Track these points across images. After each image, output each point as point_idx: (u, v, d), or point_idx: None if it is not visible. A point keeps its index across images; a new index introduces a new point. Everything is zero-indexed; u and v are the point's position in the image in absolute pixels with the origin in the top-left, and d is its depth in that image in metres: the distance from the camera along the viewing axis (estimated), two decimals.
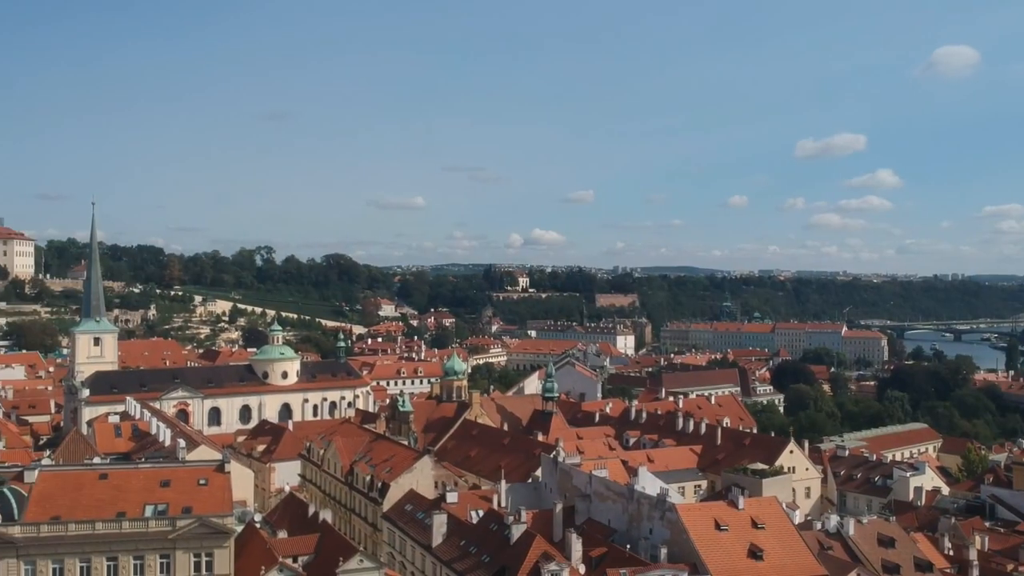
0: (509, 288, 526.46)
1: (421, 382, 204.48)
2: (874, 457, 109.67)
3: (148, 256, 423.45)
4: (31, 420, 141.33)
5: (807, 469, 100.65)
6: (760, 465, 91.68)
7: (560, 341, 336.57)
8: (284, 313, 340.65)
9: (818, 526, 73.87)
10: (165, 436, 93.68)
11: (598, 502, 72.22)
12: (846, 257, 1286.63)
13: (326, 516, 74.19)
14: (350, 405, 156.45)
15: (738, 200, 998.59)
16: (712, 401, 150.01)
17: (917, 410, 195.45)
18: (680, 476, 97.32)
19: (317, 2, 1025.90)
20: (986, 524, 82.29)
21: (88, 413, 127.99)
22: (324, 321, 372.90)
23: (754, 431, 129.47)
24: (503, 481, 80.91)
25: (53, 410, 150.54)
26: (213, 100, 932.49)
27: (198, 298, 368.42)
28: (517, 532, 64.35)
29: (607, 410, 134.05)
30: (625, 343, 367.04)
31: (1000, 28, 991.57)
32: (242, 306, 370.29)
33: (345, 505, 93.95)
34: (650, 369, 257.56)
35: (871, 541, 71.34)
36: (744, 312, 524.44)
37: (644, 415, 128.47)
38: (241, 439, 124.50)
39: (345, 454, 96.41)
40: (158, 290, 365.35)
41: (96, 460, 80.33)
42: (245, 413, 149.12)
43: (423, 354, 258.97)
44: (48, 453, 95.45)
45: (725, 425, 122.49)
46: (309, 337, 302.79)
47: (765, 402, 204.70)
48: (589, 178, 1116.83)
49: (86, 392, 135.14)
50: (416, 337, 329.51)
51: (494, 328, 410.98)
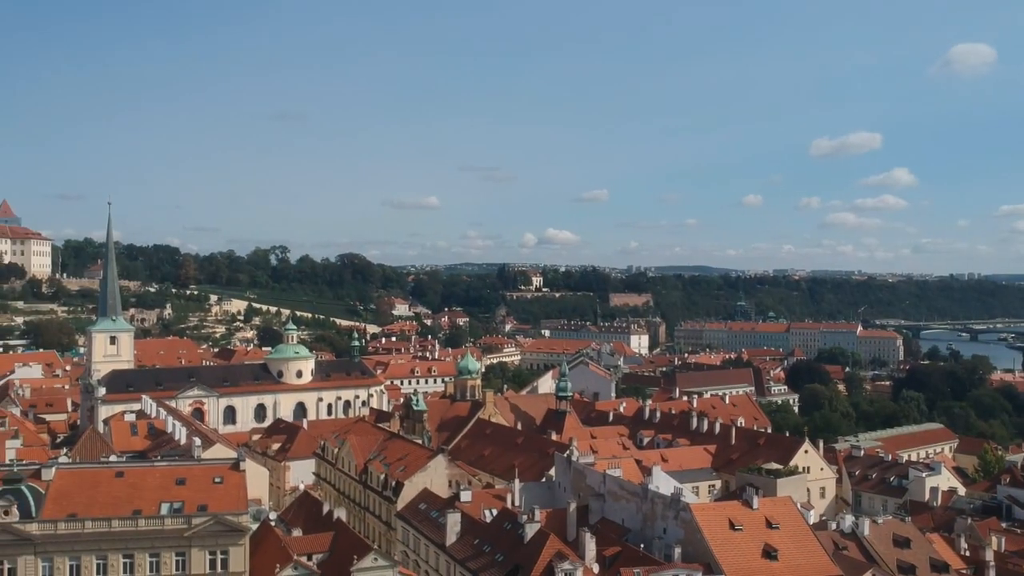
0: (523, 287, 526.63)
1: (435, 381, 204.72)
2: (889, 457, 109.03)
3: (164, 256, 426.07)
4: (48, 418, 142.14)
5: (822, 469, 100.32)
6: (775, 465, 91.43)
7: (574, 340, 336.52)
8: (299, 312, 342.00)
9: (833, 526, 73.64)
10: (181, 434, 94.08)
11: (612, 501, 72.18)
12: (861, 256, 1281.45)
13: (340, 514, 74.47)
14: (364, 404, 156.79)
15: (753, 199, 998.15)
16: (726, 401, 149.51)
17: (933, 410, 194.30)
18: (694, 476, 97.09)
19: (332, 3, 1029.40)
20: (1003, 525, 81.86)
21: (104, 411, 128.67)
22: (338, 320, 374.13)
23: (768, 431, 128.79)
24: (517, 480, 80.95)
25: (70, 408, 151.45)
26: (229, 101, 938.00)
27: (213, 297, 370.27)
28: (531, 531, 64.37)
29: (621, 409, 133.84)
30: (639, 342, 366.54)
31: (1017, 26, 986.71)
32: (257, 305, 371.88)
33: (359, 504, 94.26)
34: (664, 369, 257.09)
35: (886, 541, 71.04)
36: (759, 312, 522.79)
37: (658, 415, 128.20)
38: (256, 438, 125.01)
39: (359, 453, 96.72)
40: (174, 289, 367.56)
41: (112, 458, 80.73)
42: (260, 412, 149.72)
43: (437, 353, 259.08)
44: (65, 451, 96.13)
45: (739, 425, 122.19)
46: (323, 336, 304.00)
47: (780, 402, 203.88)
48: (603, 177, 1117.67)
49: (102, 391, 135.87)
50: (430, 336, 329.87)
51: (508, 327, 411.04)
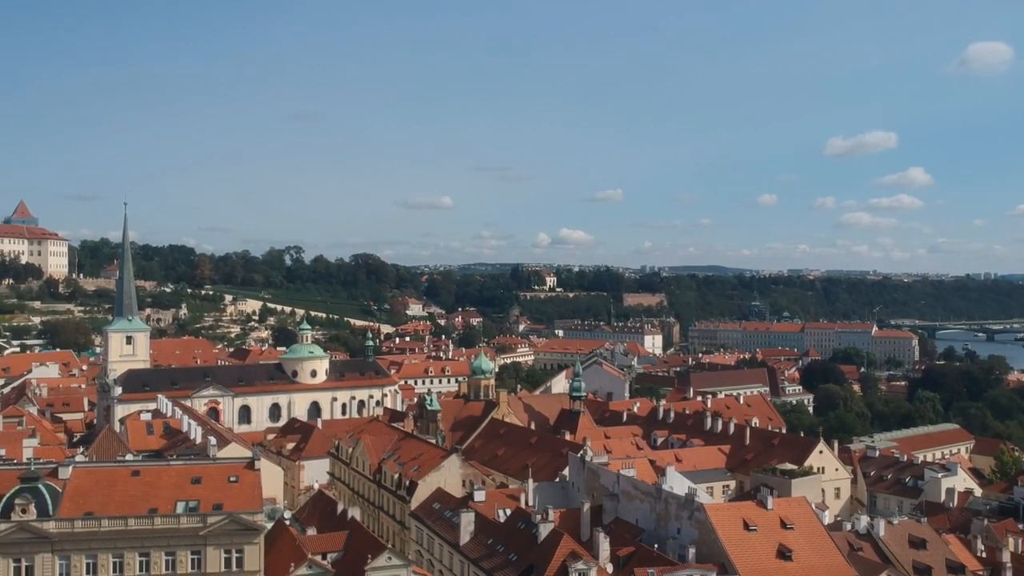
0: (536, 287, 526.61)
1: (449, 381, 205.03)
2: (905, 458, 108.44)
3: (179, 256, 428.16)
4: (65, 418, 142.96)
5: (837, 469, 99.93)
6: (789, 465, 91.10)
7: (587, 340, 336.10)
8: (313, 312, 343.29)
9: (848, 527, 73.34)
10: (196, 434, 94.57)
11: (626, 501, 72.13)
12: (876, 256, 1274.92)
13: (354, 514, 74.65)
14: (378, 404, 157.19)
15: (767, 199, 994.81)
16: (741, 401, 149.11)
17: (949, 411, 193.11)
18: (708, 476, 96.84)
19: (347, 4, 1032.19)
20: (1020, 526, 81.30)
21: (121, 411, 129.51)
22: (352, 320, 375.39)
23: (783, 431, 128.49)
24: (530, 480, 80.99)
25: (86, 408, 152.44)
26: (243, 101, 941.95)
27: (228, 297, 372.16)
28: (545, 531, 64.36)
29: (635, 409, 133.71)
30: (653, 343, 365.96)
31: None
32: (272, 305, 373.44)
33: (373, 503, 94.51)
34: (678, 369, 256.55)
35: (902, 542, 70.74)
36: (773, 312, 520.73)
37: (672, 415, 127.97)
38: (271, 437, 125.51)
39: (373, 452, 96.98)
40: (189, 289, 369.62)
41: (128, 457, 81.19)
42: (275, 411, 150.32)
43: (451, 353, 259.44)
44: (82, 450, 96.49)
45: (754, 425, 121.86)
46: (338, 336, 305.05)
47: (794, 402, 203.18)
48: (617, 177, 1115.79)
49: (119, 390, 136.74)
50: (444, 336, 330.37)
51: (521, 327, 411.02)
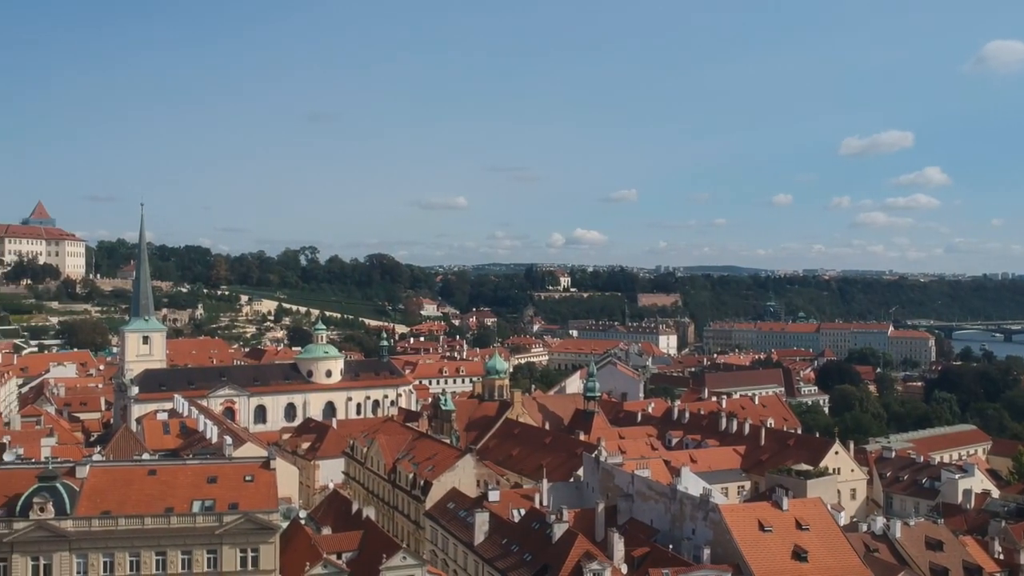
0: (551, 288, 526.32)
1: (463, 381, 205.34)
2: (921, 459, 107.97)
3: (195, 256, 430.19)
4: (82, 417, 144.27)
5: (852, 470, 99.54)
6: (804, 466, 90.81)
7: (602, 341, 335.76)
8: (328, 312, 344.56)
9: (864, 528, 73.08)
10: (212, 433, 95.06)
11: (640, 502, 72.07)
12: (893, 256, 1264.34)
13: (369, 513, 74.84)
14: (393, 404, 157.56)
15: (783, 199, 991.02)
16: (756, 401, 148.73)
17: (966, 411, 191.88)
18: (723, 477, 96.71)
19: (363, 5, 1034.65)
20: None
21: (137, 410, 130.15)
22: (367, 320, 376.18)
23: (798, 432, 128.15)
24: (545, 480, 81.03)
25: (103, 407, 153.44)
26: (259, 102, 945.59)
27: (244, 298, 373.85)
28: (559, 531, 64.40)
29: (649, 410, 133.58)
30: (667, 343, 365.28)
31: None
32: (287, 305, 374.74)
33: (388, 502, 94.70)
34: (693, 369, 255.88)
35: (918, 544, 70.44)
36: (788, 312, 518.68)
37: (687, 415, 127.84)
38: (286, 437, 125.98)
39: (388, 452, 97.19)
40: (205, 290, 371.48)
41: (145, 456, 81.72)
42: (290, 411, 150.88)
43: (465, 353, 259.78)
44: (99, 449, 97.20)
45: (769, 426, 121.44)
46: (352, 336, 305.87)
47: (810, 403, 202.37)
48: (632, 177, 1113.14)
49: (135, 390, 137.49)
50: (458, 336, 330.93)
51: (536, 328, 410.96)
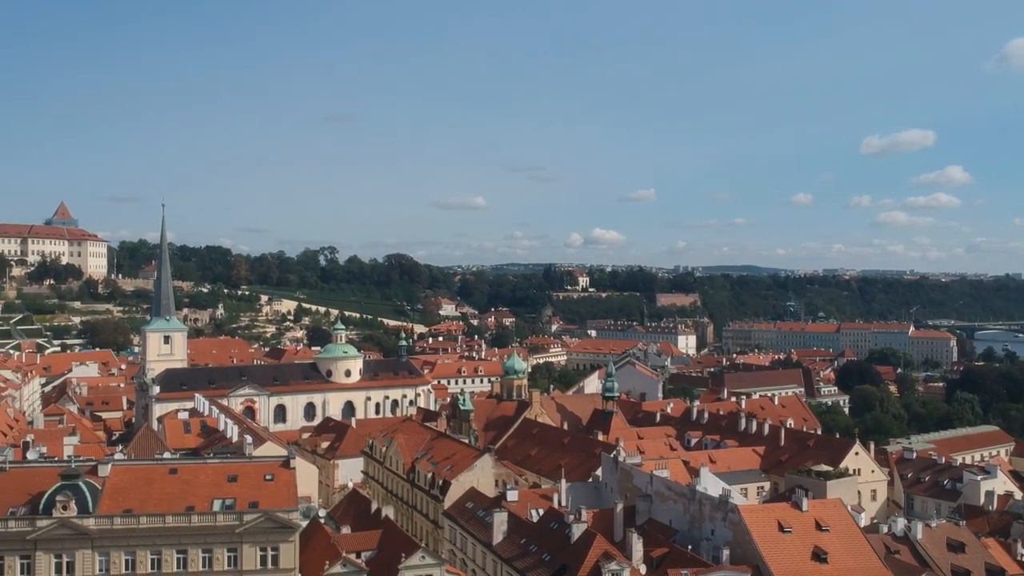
0: (569, 288, 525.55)
1: (481, 381, 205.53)
2: (943, 460, 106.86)
3: (216, 256, 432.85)
4: (104, 416, 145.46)
5: (873, 471, 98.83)
6: (824, 467, 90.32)
7: (620, 341, 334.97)
8: (347, 312, 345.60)
9: (884, 529, 72.52)
10: (232, 432, 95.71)
11: (659, 502, 71.95)
12: (913, 256, 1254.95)
13: (388, 513, 75.18)
14: (412, 403, 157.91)
15: (802, 198, 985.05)
16: (775, 402, 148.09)
17: (988, 412, 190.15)
18: (742, 477, 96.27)
19: (381, 7, 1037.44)
20: None
21: (159, 409, 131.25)
22: (386, 320, 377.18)
23: (818, 432, 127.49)
24: (563, 480, 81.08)
25: (125, 406, 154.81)
26: (279, 104, 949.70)
27: (264, 298, 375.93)
28: (578, 531, 64.45)
29: (668, 410, 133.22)
30: (686, 343, 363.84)
31: None
32: (306, 305, 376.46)
33: (407, 502, 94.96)
34: (712, 369, 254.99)
35: (940, 546, 69.88)
36: (808, 312, 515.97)
37: (706, 415, 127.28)
38: (306, 436, 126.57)
39: (407, 452, 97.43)
40: (225, 290, 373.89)
41: (166, 455, 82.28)
42: (309, 410, 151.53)
43: (483, 353, 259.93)
44: (120, 448, 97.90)
45: (788, 426, 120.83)
46: (371, 336, 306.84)
47: (830, 403, 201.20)
48: (650, 177, 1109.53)
49: (157, 389, 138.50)
50: (476, 336, 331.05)
51: (554, 328, 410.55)
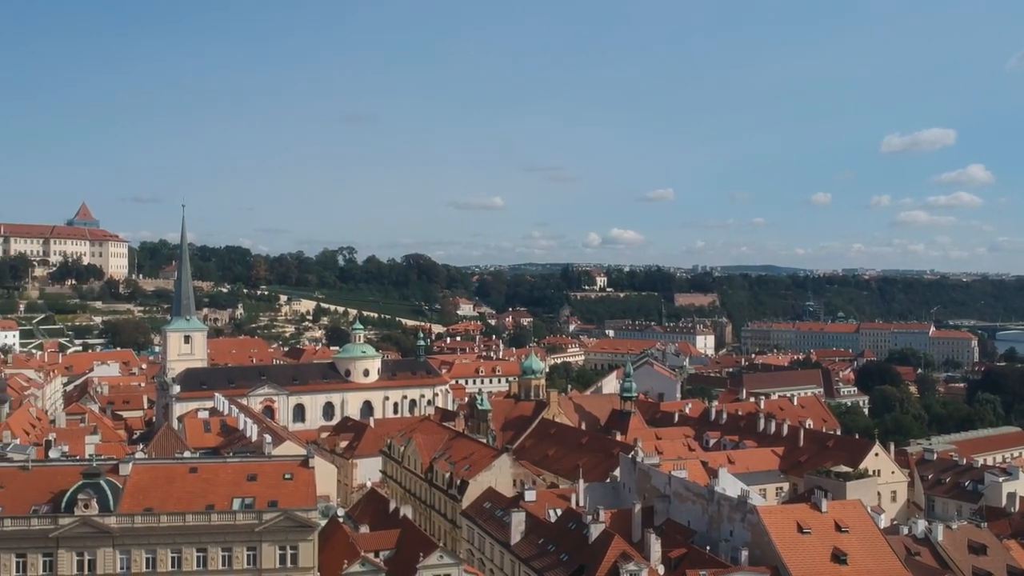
0: (587, 287, 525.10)
1: (499, 381, 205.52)
2: (964, 461, 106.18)
3: (236, 257, 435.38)
4: (125, 415, 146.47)
5: (893, 472, 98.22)
6: (844, 468, 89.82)
7: (638, 341, 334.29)
8: (365, 312, 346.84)
9: (905, 531, 71.99)
10: (252, 431, 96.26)
11: (677, 503, 71.77)
12: (934, 255, 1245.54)
13: (406, 512, 75.31)
14: (429, 403, 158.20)
15: (821, 197, 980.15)
16: (794, 402, 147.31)
17: (1010, 413, 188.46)
18: (761, 478, 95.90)
19: (401, 8, 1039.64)
20: None
21: (179, 409, 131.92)
22: (404, 320, 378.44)
23: (838, 433, 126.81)
24: (581, 480, 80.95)
25: (146, 405, 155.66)
26: (299, 104, 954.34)
27: (283, 298, 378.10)
28: (596, 531, 64.37)
29: (686, 410, 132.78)
30: (705, 343, 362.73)
31: None
32: (325, 305, 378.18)
33: (425, 501, 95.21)
34: (730, 369, 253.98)
35: (961, 548, 69.32)
36: (827, 312, 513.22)
37: (724, 416, 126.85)
38: (324, 435, 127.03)
39: (425, 451, 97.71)
40: (245, 290, 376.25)
41: (186, 454, 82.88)
42: (328, 410, 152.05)
43: (501, 353, 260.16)
44: (141, 447, 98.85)
45: (808, 427, 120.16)
46: (389, 336, 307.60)
47: (849, 404, 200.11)
48: (669, 176, 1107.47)
49: (177, 388, 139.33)
50: (494, 336, 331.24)
51: (572, 327, 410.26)
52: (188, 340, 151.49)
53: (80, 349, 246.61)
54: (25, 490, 63.87)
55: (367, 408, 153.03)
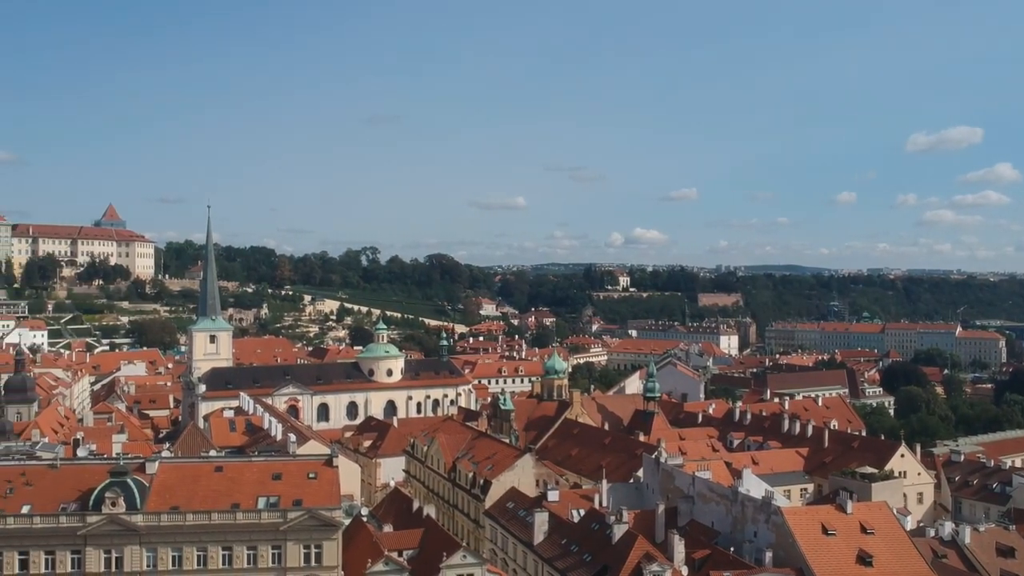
0: (609, 287, 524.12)
1: (522, 381, 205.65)
2: (992, 463, 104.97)
3: (260, 257, 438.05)
4: (151, 414, 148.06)
5: (919, 474, 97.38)
6: (869, 469, 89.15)
7: (661, 341, 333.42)
8: (388, 312, 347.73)
9: (931, 533, 71.42)
10: (276, 431, 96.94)
11: (701, 504, 71.57)
12: (961, 255, 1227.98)
13: (430, 511, 75.58)
14: (452, 403, 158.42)
15: (846, 196, 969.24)
16: (819, 403, 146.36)
17: None
18: (785, 479, 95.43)
19: (423, 9, 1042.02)
20: None
21: (204, 408, 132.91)
22: (427, 320, 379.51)
23: (863, 434, 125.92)
24: (604, 481, 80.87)
25: (172, 405, 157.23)
26: (322, 105, 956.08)
27: (307, 298, 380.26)
28: (619, 532, 64.33)
29: (710, 411, 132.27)
30: (728, 343, 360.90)
31: None
32: (349, 305, 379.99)
33: (448, 501, 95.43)
34: (754, 370, 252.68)
35: (989, 551, 68.69)
36: (852, 312, 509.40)
37: (748, 416, 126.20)
38: (348, 435, 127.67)
39: (448, 451, 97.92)
40: (270, 290, 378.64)
41: (212, 453, 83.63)
42: (352, 409, 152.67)
43: (524, 353, 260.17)
44: (167, 446, 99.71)
45: (832, 427, 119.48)
46: (413, 336, 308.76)
47: (874, 404, 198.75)
48: (692, 176, 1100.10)
49: (203, 388, 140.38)
50: (517, 336, 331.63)
51: (594, 327, 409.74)
52: (214, 340, 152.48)
53: (107, 349, 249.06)
54: (54, 488, 64.74)
55: (390, 408, 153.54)
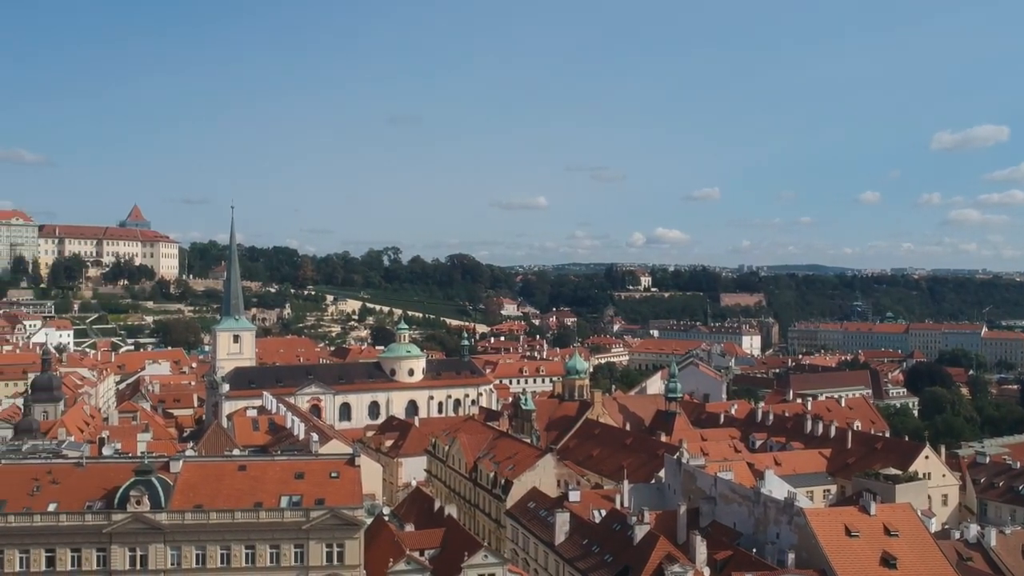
0: (631, 287, 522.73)
1: (543, 381, 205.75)
2: (1018, 464, 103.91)
3: (283, 257, 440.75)
4: (176, 413, 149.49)
5: (944, 476, 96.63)
6: (893, 470, 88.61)
7: (683, 341, 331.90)
8: (410, 312, 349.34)
9: (956, 535, 70.96)
10: (299, 430, 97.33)
11: (723, 504, 71.33)
12: (986, 255, 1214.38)
13: (451, 511, 75.80)
14: (474, 403, 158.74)
15: (870, 196, 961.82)
16: (842, 403, 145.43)
17: None
18: (808, 480, 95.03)
19: (444, 9, 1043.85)
20: None
21: (228, 407, 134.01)
22: (448, 320, 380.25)
23: (886, 435, 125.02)
24: (626, 481, 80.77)
25: (196, 404, 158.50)
26: (344, 106, 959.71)
27: (329, 298, 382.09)
28: (640, 533, 64.19)
29: (732, 411, 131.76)
30: (751, 343, 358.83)
31: None
32: (370, 305, 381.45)
33: (469, 501, 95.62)
34: (777, 370, 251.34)
35: (1015, 553, 68.13)
36: (876, 312, 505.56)
37: (771, 417, 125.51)
38: (370, 434, 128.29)
39: (469, 451, 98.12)
40: (292, 290, 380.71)
41: (235, 452, 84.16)
42: (373, 409, 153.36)
43: (545, 353, 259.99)
44: (191, 445, 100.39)
45: (856, 428, 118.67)
46: (434, 336, 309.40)
47: (898, 405, 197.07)
48: (714, 175, 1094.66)
49: (226, 387, 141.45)
50: (538, 336, 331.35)
51: (616, 327, 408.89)
52: (237, 339, 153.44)
53: (132, 348, 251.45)
54: (79, 486, 65.41)
55: (412, 407, 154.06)
